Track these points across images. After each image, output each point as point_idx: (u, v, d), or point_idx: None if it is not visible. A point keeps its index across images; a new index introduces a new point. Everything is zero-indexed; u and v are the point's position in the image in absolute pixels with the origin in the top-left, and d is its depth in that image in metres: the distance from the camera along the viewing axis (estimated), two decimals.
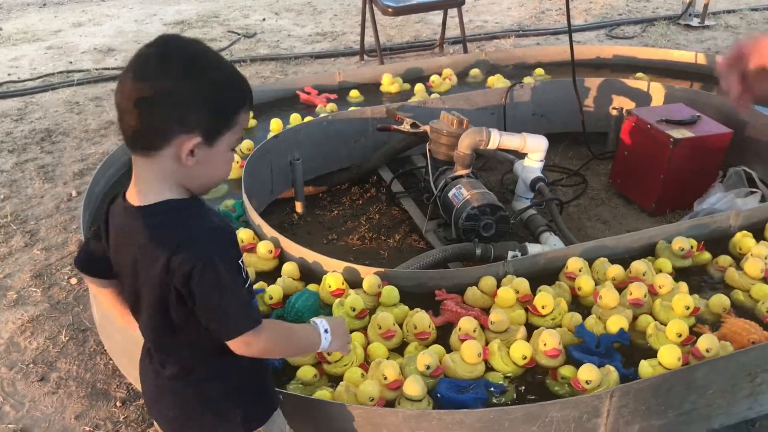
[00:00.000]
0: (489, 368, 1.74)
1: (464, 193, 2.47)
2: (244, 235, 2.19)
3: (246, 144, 2.85)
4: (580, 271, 2.06)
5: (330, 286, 1.98)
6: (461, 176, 2.60)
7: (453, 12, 4.65)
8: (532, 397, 1.67)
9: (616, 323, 1.81)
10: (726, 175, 2.81)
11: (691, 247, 2.14)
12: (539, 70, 3.60)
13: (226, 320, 1.13)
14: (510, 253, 2.29)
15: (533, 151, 2.68)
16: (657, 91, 3.21)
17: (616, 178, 3.01)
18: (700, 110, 2.86)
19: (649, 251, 2.22)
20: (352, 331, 1.82)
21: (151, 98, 1.05)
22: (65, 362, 2.19)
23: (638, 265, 2.05)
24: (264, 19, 5.95)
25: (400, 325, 1.88)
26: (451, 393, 1.62)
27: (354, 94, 3.40)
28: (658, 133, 2.71)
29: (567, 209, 2.89)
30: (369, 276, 1.97)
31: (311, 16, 5.99)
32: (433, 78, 3.52)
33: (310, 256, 2.10)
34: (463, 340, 1.76)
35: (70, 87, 4.52)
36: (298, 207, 2.87)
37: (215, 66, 1.09)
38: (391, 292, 1.95)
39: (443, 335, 1.86)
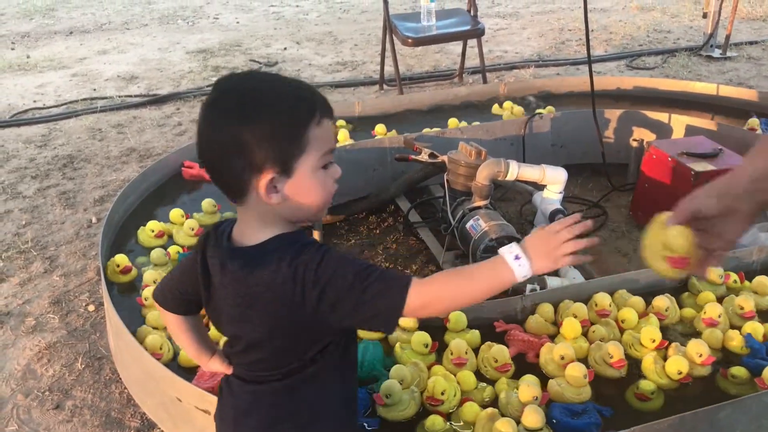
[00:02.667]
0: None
1: (482, 225, 2.45)
2: None
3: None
4: (609, 306, 2.06)
5: None
6: (479, 207, 2.59)
7: (472, 42, 4.67)
8: None
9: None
10: None
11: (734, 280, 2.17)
12: (550, 108, 3.56)
13: (379, 283, 1.04)
14: (528, 287, 2.26)
15: (552, 183, 2.66)
16: (678, 123, 3.19)
17: (636, 211, 2.98)
18: (722, 143, 2.83)
19: (668, 286, 2.18)
20: (430, 367, 1.84)
21: (213, 155, 1.07)
22: (80, 390, 2.19)
23: (660, 301, 2.03)
24: (285, 49, 6.02)
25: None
26: (565, 418, 1.63)
27: (380, 129, 3.38)
28: (679, 165, 2.68)
29: None
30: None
31: (332, 46, 6.05)
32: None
33: None
34: (457, 364, 1.81)
35: (93, 114, 4.58)
36: (316, 236, 2.86)
37: (268, 98, 1.07)
38: (459, 317, 1.94)
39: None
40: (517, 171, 2.60)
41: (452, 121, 3.32)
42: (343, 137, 3.11)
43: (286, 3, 7.74)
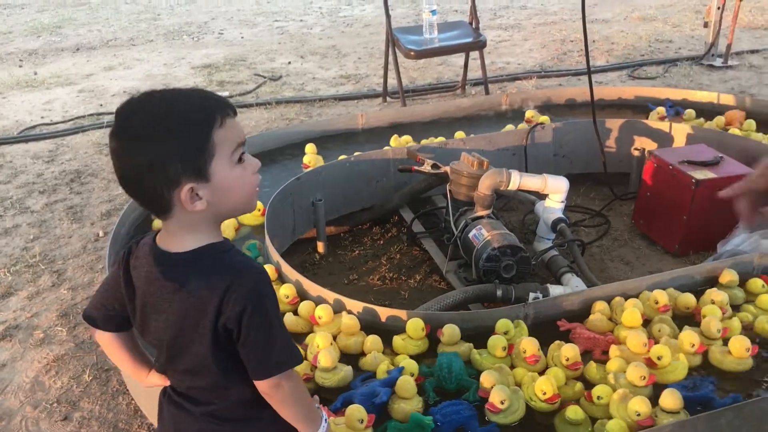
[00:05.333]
0: None
1: (484, 234, 2.47)
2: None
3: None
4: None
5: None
6: (482, 217, 2.61)
7: (475, 54, 4.71)
8: None
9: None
10: None
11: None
12: (545, 118, 3.56)
13: (269, 357, 1.15)
14: (531, 295, 2.28)
15: (554, 192, 2.68)
16: (679, 131, 3.20)
17: (638, 219, 3.00)
18: (723, 151, 2.85)
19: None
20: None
21: (131, 179, 1.11)
22: (88, 402, 2.21)
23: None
24: (289, 63, 6.07)
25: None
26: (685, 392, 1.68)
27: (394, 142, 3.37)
28: (680, 174, 2.70)
29: (589, 250, 2.87)
30: (414, 320, 1.96)
31: (336, 60, 6.10)
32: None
33: (330, 296, 2.11)
34: (532, 362, 1.86)
35: (100, 129, 4.63)
36: (320, 247, 2.89)
37: (168, 115, 1.11)
38: (453, 331, 1.93)
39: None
40: (518, 180, 2.62)
41: (458, 134, 3.34)
42: (313, 158, 3.14)
43: (290, 18, 7.81)
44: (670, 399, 1.63)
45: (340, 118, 3.69)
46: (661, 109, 3.52)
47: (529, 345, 1.88)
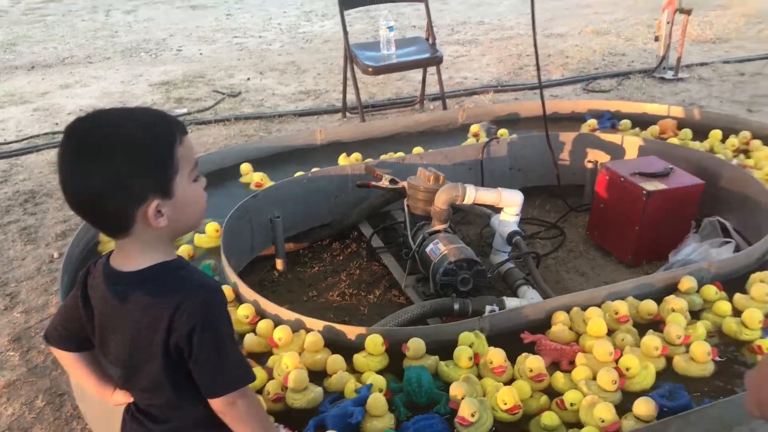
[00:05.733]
0: None
1: (441, 248, 2.50)
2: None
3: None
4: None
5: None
6: (439, 231, 2.63)
7: (433, 69, 4.75)
8: None
9: None
10: (701, 225, 2.85)
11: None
12: (503, 131, 3.62)
13: (221, 375, 1.15)
14: (488, 308, 2.31)
15: (509, 206, 2.72)
16: (630, 144, 3.28)
17: (593, 230, 3.05)
18: (673, 162, 2.92)
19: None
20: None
21: (88, 200, 1.10)
22: (41, 428, 2.17)
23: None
24: (248, 79, 6.06)
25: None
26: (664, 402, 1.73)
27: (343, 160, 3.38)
28: (631, 185, 2.76)
29: (545, 262, 2.92)
30: (373, 336, 1.96)
31: (295, 75, 6.11)
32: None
33: (288, 315, 2.10)
34: (499, 372, 1.89)
35: (55, 148, 4.55)
36: (279, 264, 2.88)
37: (132, 131, 1.11)
38: (418, 345, 1.95)
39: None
40: (474, 195, 2.66)
41: (417, 149, 3.38)
42: (252, 177, 3.16)
43: (250, 34, 7.80)
44: (644, 407, 1.67)
45: (299, 134, 3.70)
46: (593, 122, 3.63)
47: (495, 356, 1.90)
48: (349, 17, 4.89)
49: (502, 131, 3.59)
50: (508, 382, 1.86)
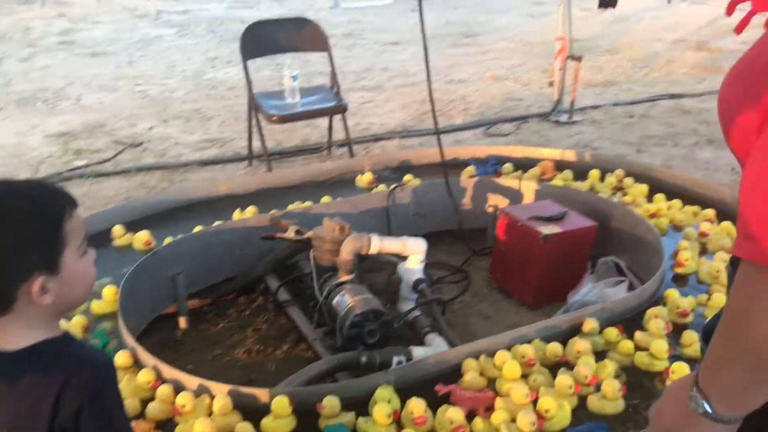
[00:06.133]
0: None
1: (348, 300, 2.50)
2: (119, 359, 2.12)
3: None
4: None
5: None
6: (345, 282, 2.64)
7: (340, 115, 4.80)
8: None
9: None
10: (596, 265, 2.98)
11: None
12: (408, 176, 3.74)
13: None
14: (395, 359, 2.31)
15: (413, 253, 2.76)
16: (527, 189, 3.41)
17: (495, 273, 3.13)
18: (567, 205, 3.05)
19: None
20: None
21: None
22: None
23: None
24: (151, 128, 5.93)
25: None
26: None
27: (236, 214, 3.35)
28: (528, 229, 2.86)
29: (452, 307, 2.96)
30: (278, 398, 1.93)
31: (199, 123, 6.03)
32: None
33: (192, 381, 2.04)
34: (419, 423, 1.91)
35: None
36: (182, 322, 2.80)
37: (16, 205, 1.08)
38: (333, 403, 1.94)
39: None
40: (379, 244, 2.68)
41: (325, 199, 3.39)
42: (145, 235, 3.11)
43: (153, 81, 7.65)
44: None
45: (202, 185, 3.65)
46: (470, 168, 3.80)
47: (416, 406, 1.92)
48: (255, 64, 4.89)
49: (407, 177, 3.66)
50: None
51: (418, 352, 2.38)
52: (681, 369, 2.13)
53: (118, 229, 3.15)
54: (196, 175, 4.80)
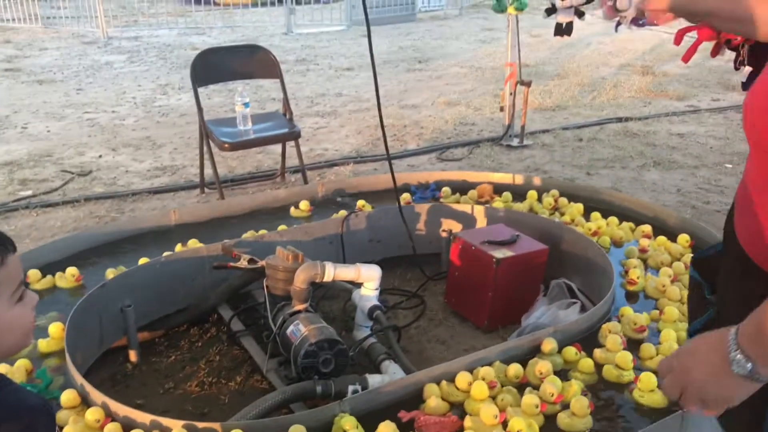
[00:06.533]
0: None
1: (302, 330, 2.47)
2: (67, 397, 2.05)
3: None
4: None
5: None
6: (299, 311, 2.61)
7: (293, 141, 4.79)
8: None
9: None
10: (549, 287, 3.01)
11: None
12: (361, 202, 3.77)
13: None
14: (350, 388, 2.29)
15: (368, 280, 2.75)
16: (480, 213, 3.44)
17: (450, 298, 3.14)
18: (519, 229, 3.09)
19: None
20: None
21: None
22: None
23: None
24: (100, 156, 5.83)
25: None
26: None
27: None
28: (481, 254, 2.88)
29: (407, 332, 2.96)
30: None
31: (150, 151, 5.95)
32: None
33: (144, 417, 1.98)
34: None
35: None
36: (132, 356, 2.72)
37: None
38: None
39: None
40: (333, 272, 2.66)
41: (281, 227, 3.37)
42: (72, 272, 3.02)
43: (102, 109, 7.53)
44: None
45: (153, 215, 3.58)
46: (406, 195, 3.85)
47: (387, 430, 1.94)
48: (207, 90, 4.87)
49: (361, 203, 3.66)
50: None
51: (374, 380, 2.36)
52: (648, 378, 2.20)
53: (34, 273, 2.99)
54: (146, 203, 4.72)
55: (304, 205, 3.73)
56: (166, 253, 2.99)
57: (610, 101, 7.48)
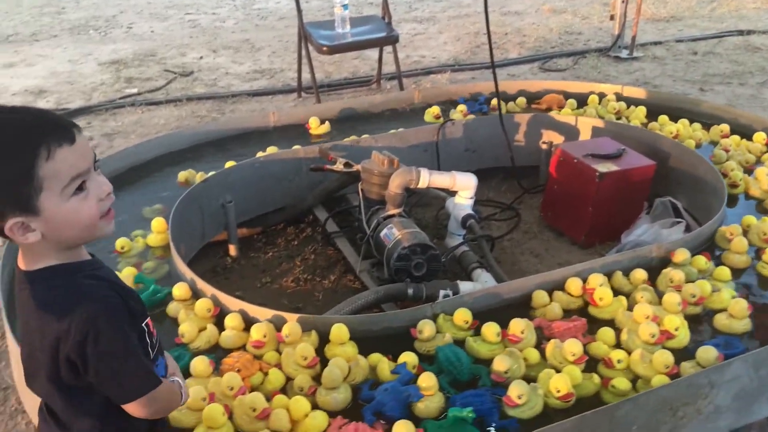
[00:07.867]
0: None
1: (395, 233, 2.48)
2: (178, 291, 2.14)
3: None
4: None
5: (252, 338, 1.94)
6: (393, 215, 2.61)
7: (390, 47, 4.70)
8: None
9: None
10: (653, 206, 2.88)
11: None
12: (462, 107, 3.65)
13: (121, 386, 1.13)
14: (441, 293, 2.30)
15: (463, 189, 2.71)
16: (584, 125, 3.29)
17: (546, 212, 3.06)
18: (625, 143, 2.94)
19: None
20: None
21: None
22: None
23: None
24: (201, 57, 5.92)
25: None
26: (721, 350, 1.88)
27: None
28: (584, 167, 2.77)
29: (500, 244, 2.92)
30: (337, 326, 1.92)
31: (249, 54, 5.99)
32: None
33: (235, 304, 2.05)
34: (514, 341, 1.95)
35: None
36: (232, 250, 2.83)
37: None
38: (340, 330, 1.92)
39: None
40: (428, 179, 2.63)
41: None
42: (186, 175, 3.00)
43: (203, 10, 7.61)
44: (705, 354, 1.86)
45: (252, 116, 3.63)
46: (462, 107, 3.67)
47: (517, 325, 1.97)
48: None
49: (461, 107, 3.57)
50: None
51: (465, 286, 2.36)
52: None
53: (158, 223, 2.61)
54: (245, 105, 4.79)
55: (434, 110, 3.63)
56: (259, 154, 3.03)
57: (731, 12, 6.90)
